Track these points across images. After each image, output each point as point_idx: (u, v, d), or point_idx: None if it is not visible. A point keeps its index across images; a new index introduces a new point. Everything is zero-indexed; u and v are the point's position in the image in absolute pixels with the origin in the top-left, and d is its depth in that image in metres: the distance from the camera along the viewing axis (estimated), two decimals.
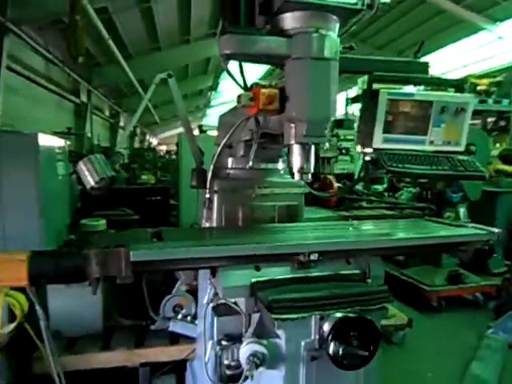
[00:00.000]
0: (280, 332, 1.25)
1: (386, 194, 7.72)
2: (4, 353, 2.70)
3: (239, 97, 1.47)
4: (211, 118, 27.07)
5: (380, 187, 8.11)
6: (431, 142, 2.09)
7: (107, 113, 17.03)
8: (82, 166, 1.82)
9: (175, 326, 2.68)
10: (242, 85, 1.66)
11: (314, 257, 1.43)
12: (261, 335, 1.32)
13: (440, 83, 2.17)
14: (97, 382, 2.82)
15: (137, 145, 23.13)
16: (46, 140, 2.99)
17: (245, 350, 1.24)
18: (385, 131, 2.06)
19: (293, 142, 1.48)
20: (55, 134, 7.03)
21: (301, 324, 1.23)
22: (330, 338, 1.16)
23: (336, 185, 3.71)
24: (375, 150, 2.07)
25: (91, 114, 13.09)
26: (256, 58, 1.45)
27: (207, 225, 2.10)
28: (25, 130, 2.93)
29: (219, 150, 1.99)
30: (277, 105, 1.42)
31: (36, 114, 9.71)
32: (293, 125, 1.46)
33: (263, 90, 1.41)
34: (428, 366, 3.38)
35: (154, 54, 13.08)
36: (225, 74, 1.70)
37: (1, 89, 7.61)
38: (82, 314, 2.82)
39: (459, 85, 2.13)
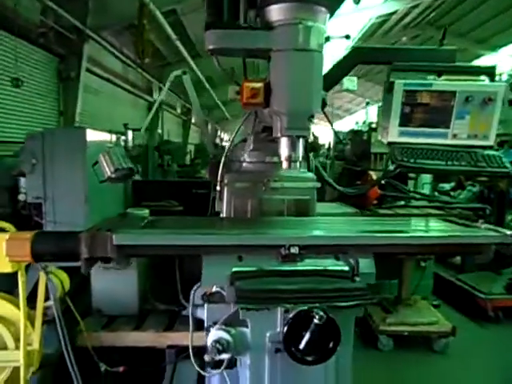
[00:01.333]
0: (247, 321, 1.28)
1: (452, 193, 7.20)
2: (53, 325, 3.06)
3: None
4: None
5: (447, 185, 7.57)
6: (454, 136, 1.94)
7: (179, 110, 17.92)
8: (101, 158, 1.98)
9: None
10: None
11: (294, 250, 1.42)
12: (235, 323, 1.35)
13: (469, 71, 1.99)
14: (133, 359, 3.05)
15: None
16: (96, 135, 3.28)
17: (211, 336, 1.28)
18: (401, 124, 1.96)
19: (279, 135, 1.49)
20: (131, 130, 7.66)
21: (266, 315, 1.25)
22: (285, 330, 1.16)
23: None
24: (390, 143, 1.98)
25: (162, 111, 13.90)
26: (241, 52, 1.47)
27: (221, 216, 2.17)
28: (102, 127, 3.23)
29: (230, 143, 2.04)
30: (261, 98, 1.44)
31: (113, 112, 10.56)
32: (279, 118, 1.47)
33: (246, 84, 1.43)
34: (469, 377, 3.12)
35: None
36: None
37: (80, 90, 8.40)
38: (121, 296, 3.06)
39: (491, 72, 1.94)
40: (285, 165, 1.52)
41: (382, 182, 3.65)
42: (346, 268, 1.47)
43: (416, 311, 3.56)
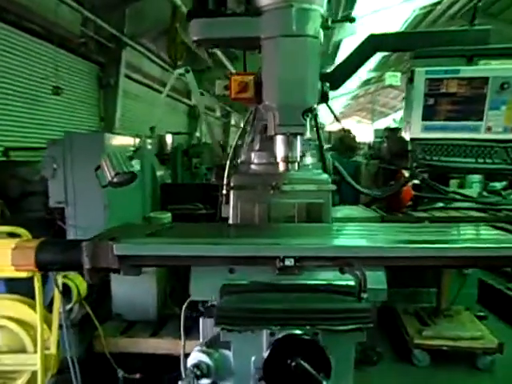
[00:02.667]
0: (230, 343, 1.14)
1: (503, 192, 6.61)
2: (76, 329, 3.08)
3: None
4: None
5: (498, 184, 6.95)
6: (489, 129, 1.69)
7: (218, 113, 18.07)
8: (102, 162, 1.92)
9: None
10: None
11: (289, 262, 1.26)
12: (220, 345, 1.22)
13: (505, 53, 1.73)
14: (151, 365, 3.00)
15: None
16: (117, 140, 3.27)
17: (190, 358, 1.15)
18: (425, 118, 1.73)
19: (273, 133, 1.33)
20: (171, 133, 7.76)
21: (251, 338, 1.10)
22: (266, 356, 1.00)
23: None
24: (413, 140, 1.76)
25: (201, 114, 14.05)
26: (230, 43, 1.33)
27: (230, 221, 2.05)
28: (142, 131, 3.23)
29: (234, 144, 1.91)
30: (251, 92, 1.29)
31: (153, 117, 10.77)
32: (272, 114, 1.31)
33: (235, 77, 1.30)
34: None
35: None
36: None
37: (120, 96, 8.64)
38: (140, 301, 3.02)
39: None
40: (282, 166, 1.37)
41: (416, 181, 3.37)
42: (351, 283, 1.29)
43: (457, 324, 3.23)
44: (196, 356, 1.15)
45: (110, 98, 8.62)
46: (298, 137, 1.35)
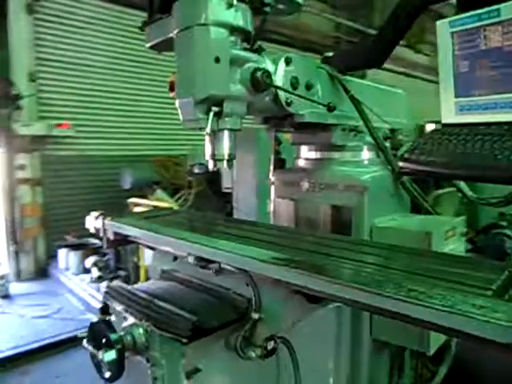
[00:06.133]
0: None
1: None
2: None
3: None
4: None
5: None
6: None
7: None
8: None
9: None
10: None
11: (190, 259, 1.25)
12: None
13: None
14: None
15: None
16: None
17: None
18: (459, 93, 1.19)
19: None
20: (433, 122, 7.38)
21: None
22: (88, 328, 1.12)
23: None
24: (446, 126, 1.25)
25: None
26: (167, 45, 1.36)
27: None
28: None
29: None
30: None
31: (414, 105, 10.24)
32: None
33: (172, 76, 1.35)
34: None
35: None
36: None
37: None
38: None
39: None
40: (211, 164, 1.31)
41: None
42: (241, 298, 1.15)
43: None
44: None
45: None
46: (226, 132, 1.26)
